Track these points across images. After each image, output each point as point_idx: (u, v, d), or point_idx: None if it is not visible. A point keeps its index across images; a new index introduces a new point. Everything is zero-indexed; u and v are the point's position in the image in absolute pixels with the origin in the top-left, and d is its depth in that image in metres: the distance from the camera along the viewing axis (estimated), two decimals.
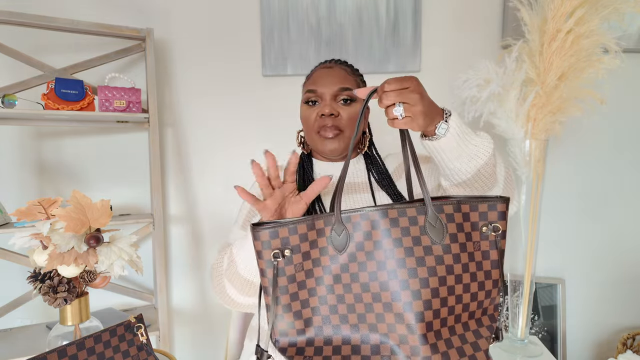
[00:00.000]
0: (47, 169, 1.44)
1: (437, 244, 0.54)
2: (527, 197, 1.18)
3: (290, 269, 0.56)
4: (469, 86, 1.15)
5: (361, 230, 0.55)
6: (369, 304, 0.55)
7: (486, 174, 0.66)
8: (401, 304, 0.53)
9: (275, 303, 0.56)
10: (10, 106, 1.16)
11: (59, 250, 0.69)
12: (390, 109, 0.57)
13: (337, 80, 0.82)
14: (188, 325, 1.58)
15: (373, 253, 0.55)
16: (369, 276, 0.54)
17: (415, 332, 0.52)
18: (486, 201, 0.57)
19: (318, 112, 0.82)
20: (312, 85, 0.84)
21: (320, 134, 0.82)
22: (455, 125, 0.61)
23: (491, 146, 0.65)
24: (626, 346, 1.37)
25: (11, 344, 1.20)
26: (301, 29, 1.46)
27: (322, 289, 0.56)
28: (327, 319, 0.57)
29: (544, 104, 1.12)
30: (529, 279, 1.20)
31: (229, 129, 1.52)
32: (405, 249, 0.54)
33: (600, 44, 1.08)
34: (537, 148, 1.15)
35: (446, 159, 0.64)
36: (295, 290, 0.56)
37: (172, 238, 1.54)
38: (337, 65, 0.86)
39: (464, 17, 1.46)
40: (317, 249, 0.57)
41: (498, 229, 0.57)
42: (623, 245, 1.49)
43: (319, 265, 0.56)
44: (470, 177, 0.65)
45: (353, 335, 0.56)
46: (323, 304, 0.56)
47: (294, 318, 0.56)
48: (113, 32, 1.30)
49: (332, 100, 0.81)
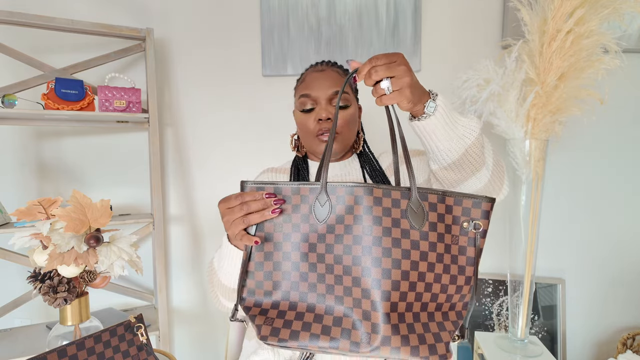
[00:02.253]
0: (47, 169, 1.44)
1: (416, 229, 0.56)
2: (527, 197, 1.18)
3: (269, 227, 0.58)
4: (469, 86, 1.15)
5: (344, 204, 0.56)
6: (339, 276, 0.56)
7: (474, 154, 0.67)
8: (370, 280, 0.54)
9: (249, 259, 0.58)
10: (10, 106, 1.16)
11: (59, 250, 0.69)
12: (377, 86, 0.58)
13: (331, 84, 0.82)
14: (188, 325, 1.58)
15: (352, 227, 0.56)
16: (344, 249, 0.56)
17: (379, 309, 0.53)
18: (472, 198, 0.58)
19: (315, 117, 0.82)
20: (306, 89, 0.84)
21: (319, 138, 0.83)
22: (442, 105, 0.62)
23: (478, 125, 0.66)
24: (626, 346, 1.37)
25: (11, 344, 1.20)
26: (301, 29, 1.46)
27: (297, 255, 0.57)
28: (295, 285, 0.58)
29: (544, 104, 1.12)
30: (529, 279, 1.20)
31: (229, 129, 1.52)
32: (383, 228, 0.55)
33: (600, 44, 1.08)
34: (537, 148, 1.15)
35: (435, 139, 0.64)
36: (270, 250, 0.58)
37: (172, 238, 1.54)
38: (329, 67, 0.86)
39: (464, 17, 1.46)
40: (299, 214, 0.58)
41: (479, 227, 0.57)
42: (623, 245, 1.49)
43: (298, 231, 0.58)
44: (458, 158, 0.66)
45: (318, 304, 0.57)
46: (294, 270, 0.58)
47: (264, 278, 0.58)
48: (113, 32, 1.30)
49: (327, 104, 0.82)
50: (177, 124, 1.51)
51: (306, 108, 0.84)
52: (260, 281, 0.58)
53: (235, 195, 0.60)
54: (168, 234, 1.53)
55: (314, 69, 0.87)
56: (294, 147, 0.92)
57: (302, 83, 0.87)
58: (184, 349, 1.58)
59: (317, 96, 0.82)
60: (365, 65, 0.57)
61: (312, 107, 0.83)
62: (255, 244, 0.58)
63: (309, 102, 0.83)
